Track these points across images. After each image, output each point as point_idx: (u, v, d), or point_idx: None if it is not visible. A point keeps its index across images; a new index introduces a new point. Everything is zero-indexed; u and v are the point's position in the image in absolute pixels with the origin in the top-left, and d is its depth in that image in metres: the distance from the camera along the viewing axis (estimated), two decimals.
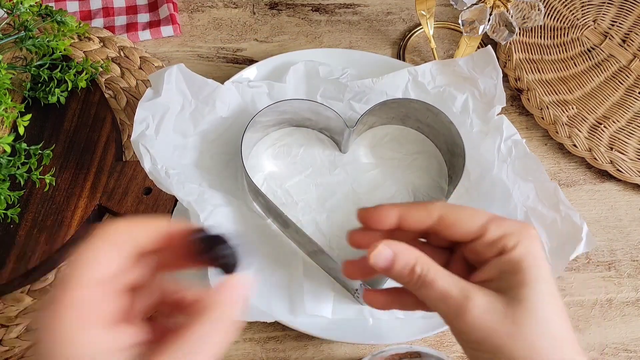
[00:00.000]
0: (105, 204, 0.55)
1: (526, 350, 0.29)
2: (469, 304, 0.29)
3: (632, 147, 0.63)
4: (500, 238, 0.31)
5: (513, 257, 0.30)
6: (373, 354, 0.47)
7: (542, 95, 0.65)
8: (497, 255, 0.31)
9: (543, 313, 0.30)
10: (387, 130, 0.61)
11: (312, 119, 0.58)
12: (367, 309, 0.52)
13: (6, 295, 0.53)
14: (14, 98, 0.59)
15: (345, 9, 0.72)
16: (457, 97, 0.60)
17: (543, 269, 0.30)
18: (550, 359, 0.29)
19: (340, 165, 0.59)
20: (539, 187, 0.55)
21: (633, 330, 0.55)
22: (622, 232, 0.60)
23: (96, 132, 0.58)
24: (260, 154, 0.59)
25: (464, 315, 0.30)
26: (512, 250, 0.30)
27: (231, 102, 0.58)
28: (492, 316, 0.29)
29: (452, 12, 0.72)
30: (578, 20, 0.70)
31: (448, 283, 0.30)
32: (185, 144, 0.56)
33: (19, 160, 0.55)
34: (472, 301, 0.29)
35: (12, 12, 0.55)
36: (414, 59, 0.69)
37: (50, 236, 0.53)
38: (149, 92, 0.55)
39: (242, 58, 0.67)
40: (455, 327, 0.31)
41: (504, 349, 0.29)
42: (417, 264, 0.31)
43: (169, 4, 0.68)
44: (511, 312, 0.29)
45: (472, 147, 0.57)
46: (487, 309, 0.29)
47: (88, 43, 0.65)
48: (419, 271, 0.30)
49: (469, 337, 0.30)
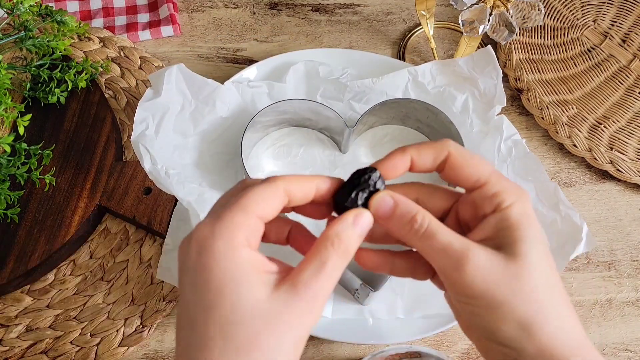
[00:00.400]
0: (105, 204, 0.55)
1: (527, 305, 0.29)
2: (470, 256, 0.29)
3: (632, 147, 0.63)
4: (498, 192, 0.31)
5: (511, 214, 0.30)
6: (373, 354, 0.47)
7: (542, 95, 0.65)
8: (493, 211, 0.31)
9: (542, 271, 0.30)
10: (387, 130, 0.61)
11: (312, 119, 0.58)
12: (367, 309, 0.52)
13: (6, 295, 0.53)
14: (14, 98, 0.59)
15: (345, 9, 0.72)
16: (457, 97, 0.60)
17: (538, 230, 0.31)
18: (550, 314, 0.30)
19: (340, 165, 0.59)
20: (539, 187, 0.55)
21: (633, 330, 0.55)
22: (622, 232, 0.60)
23: (96, 132, 0.58)
24: (260, 154, 0.59)
25: (465, 267, 0.29)
26: (510, 208, 0.31)
27: (231, 102, 0.58)
28: (493, 270, 0.29)
29: (452, 12, 0.72)
30: (578, 20, 0.70)
31: (449, 235, 0.30)
32: (185, 144, 0.56)
33: (19, 160, 0.55)
34: (473, 254, 0.30)
35: (12, 12, 0.55)
36: (414, 59, 0.69)
37: (50, 236, 0.53)
38: (149, 92, 0.55)
39: (242, 58, 0.67)
40: (454, 281, 0.30)
41: (504, 303, 0.29)
42: (419, 213, 0.31)
43: (169, 4, 0.68)
44: (512, 267, 0.29)
45: (472, 147, 0.57)
46: (488, 262, 0.29)
47: (88, 43, 0.65)
48: (420, 220, 0.30)
49: (467, 291, 0.30)
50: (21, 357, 0.51)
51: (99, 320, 0.52)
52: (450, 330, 0.54)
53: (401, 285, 0.52)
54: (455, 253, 0.30)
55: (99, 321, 0.52)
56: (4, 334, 0.52)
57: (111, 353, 0.51)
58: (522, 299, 0.29)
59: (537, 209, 0.54)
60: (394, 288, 0.52)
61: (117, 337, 0.52)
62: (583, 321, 0.55)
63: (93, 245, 0.56)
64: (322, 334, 0.50)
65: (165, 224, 0.54)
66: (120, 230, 0.56)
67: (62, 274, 0.54)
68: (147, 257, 0.55)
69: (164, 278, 0.51)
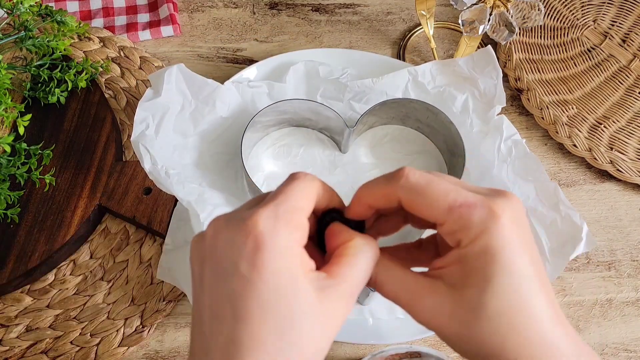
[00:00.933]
0: (105, 204, 0.55)
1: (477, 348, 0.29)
2: (416, 307, 0.30)
3: (632, 147, 0.63)
4: (458, 230, 0.29)
5: (468, 253, 0.28)
6: (373, 354, 0.47)
7: (542, 95, 0.65)
8: (456, 246, 0.29)
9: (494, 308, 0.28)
10: (387, 130, 0.61)
11: (312, 119, 0.58)
12: (367, 308, 0.52)
13: (6, 295, 0.53)
14: (14, 98, 0.59)
15: (345, 9, 0.72)
16: (457, 97, 0.60)
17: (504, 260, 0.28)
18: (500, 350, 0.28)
19: (340, 165, 0.59)
20: (539, 187, 0.55)
21: (633, 330, 0.55)
22: (622, 232, 0.60)
23: (96, 132, 0.58)
24: (260, 154, 0.59)
25: (416, 316, 0.30)
26: (468, 246, 0.28)
27: (231, 102, 0.58)
28: (438, 319, 0.29)
29: (452, 12, 0.72)
30: (578, 20, 0.70)
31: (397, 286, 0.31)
32: (185, 144, 0.56)
33: (19, 160, 0.55)
34: (419, 305, 0.30)
35: (12, 12, 0.55)
36: (414, 59, 0.69)
37: (50, 236, 0.53)
38: (149, 92, 0.55)
39: (242, 58, 0.67)
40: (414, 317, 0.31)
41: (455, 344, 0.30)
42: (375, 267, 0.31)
43: (169, 4, 0.68)
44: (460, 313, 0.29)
45: (472, 147, 0.57)
46: (433, 312, 0.29)
47: (88, 43, 0.65)
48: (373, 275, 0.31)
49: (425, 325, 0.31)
50: (21, 357, 0.51)
51: (99, 320, 0.52)
52: None
53: None
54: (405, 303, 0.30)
55: (99, 321, 0.52)
56: (4, 334, 0.52)
57: (111, 353, 0.51)
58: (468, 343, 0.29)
59: (537, 209, 0.54)
60: None
61: (117, 337, 0.52)
62: (583, 321, 0.55)
63: (93, 245, 0.56)
64: None
65: (165, 224, 0.54)
66: (120, 230, 0.56)
67: (62, 274, 0.54)
68: (147, 257, 0.55)
69: (164, 278, 0.51)
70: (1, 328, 0.52)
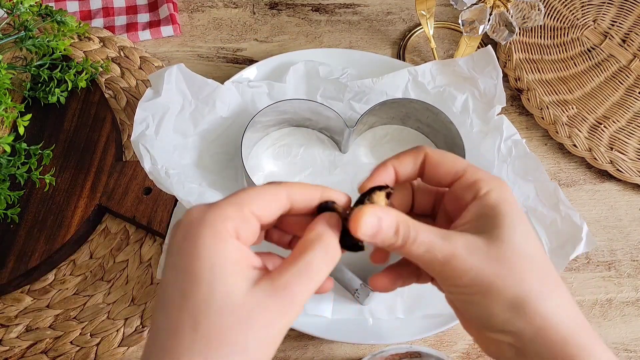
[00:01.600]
0: (105, 203, 0.55)
1: (516, 286, 0.30)
2: (453, 248, 0.30)
3: (632, 147, 0.63)
4: (476, 181, 0.32)
5: (488, 200, 0.31)
6: (373, 354, 0.47)
7: (542, 95, 0.65)
8: (473, 199, 0.32)
9: (525, 250, 0.30)
10: (387, 130, 0.61)
11: (312, 119, 0.58)
12: (367, 308, 0.52)
13: (6, 295, 0.53)
14: (14, 98, 0.59)
15: (345, 9, 0.72)
16: (457, 97, 0.60)
17: (517, 211, 0.31)
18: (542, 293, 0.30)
19: (340, 165, 0.59)
20: (539, 187, 0.55)
21: (633, 330, 0.55)
22: (622, 232, 0.60)
23: (96, 132, 0.58)
24: (260, 154, 0.59)
25: (450, 260, 0.30)
26: (487, 194, 0.32)
27: (231, 102, 0.58)
28: (476, 256, 0.30)
29: (452, 12, 0.72)
30: (578, 20, 0.70)
31: (429, 233, 0.31)
32: (185, 144, 0.56)
33: (19, 160, 0.55)
34: (456, 244, 0.30)
35: (12, 12, 0.55)
36: (414, 59, 0.69)
37: (50, 236, 0.53)
38: (149, 92, 0.55)
39: (242, 58, 0.67)
40: (444, 276, 0.31)
41: (492, 285, 0.30)
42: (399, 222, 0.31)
43: (169, 4, 0.68)
44: (494, 251, 0.30)
45: (472, 147, 0.57)
46: (471, 250, 0.30)
47: (88, 43, 0.65)
48: (402, 231, 0.31)
49: (457, 281, 0.31)
50: (21, 357, 0.51)
51: (99, 320, 0.52)
52: (450, 330, 0.54)
53: None
54: (439, 248, 0.30)
55: (99, 321, 0.52)
56: (4, 334, 0.52)
57: (111, 353, 0.51)
58: (510, 280, 0.30)
59: (537, 209, 0.54)
60: None
61: (117, 337, 0.52)
62: None
63: (93, 245, 0.56)
64: (322, 334, 0.50)
65: (165, 224, 0.54)
66: (120, 230, 0.56)
67: (62, 274, 0.54)
68: (147, 257, 0.55)
69: None
70: (1, 328, 0.52)
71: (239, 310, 0.27)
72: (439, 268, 0.31)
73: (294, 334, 0.53)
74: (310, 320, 0.51)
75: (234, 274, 0.27)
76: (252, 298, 0.27)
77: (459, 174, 0.33)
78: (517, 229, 0.31)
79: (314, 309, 0.51)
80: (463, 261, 0.30)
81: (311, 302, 0.51)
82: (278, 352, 0.52)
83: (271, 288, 0.28)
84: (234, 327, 0.27)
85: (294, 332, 0.53)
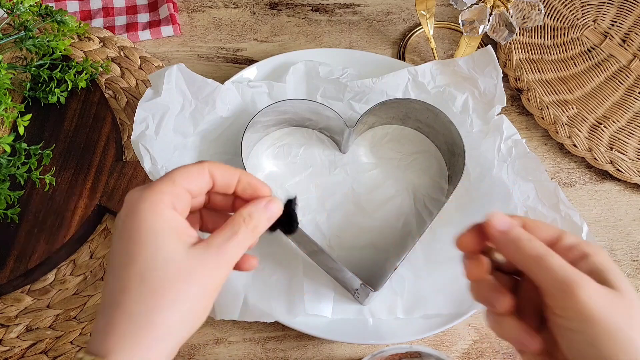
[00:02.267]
0: (105, 204, 0.55)
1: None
2: (583, 282, 0.30)
3: (632, 147, 0.63)
4: (578, 244, 0.33)
5: (599, 259, 0.32)
6: (373, 354, 0.47)
7: (542, 95, 0.65)
8: (580, 258, 0.32)
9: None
10: (387, 130, 0.61)
11: (312, 119, 0.58)
12: (367, 308, 0.52)
13: (6, 295, 0.53)
14: (14, 98, 0.59)
15: (345, 9, 0.72)
16: (457, 97, 0.60)
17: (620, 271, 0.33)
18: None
19: (340, 165, 0.59)
20: (539, 187, 0.55)
21: None
22: (622, 232, 0.60)
23: (96, 132, 0.58)
24: (260, 154, 0.59)
25: (578, 291, 0.30)
26: (594, 255, 0.32)
27: (231, 102, 0.58)
28: (605, 298, 0.30)
29: (452, 12, 0.72)
30: (578, 20, 0.70)
31: (560, 259, 0.31)
32: (185, 144, 0.56)
33: (19, 160, 0.55)
34: (585, 280, 0.30)
35: (12, 12, 0.55)
36: (414, 59, 0.69)
37: (50, 236, 0.53)
38: (149, 92, 0.55)
39: (242, 58, 0.67)
40: (567, 306, 0.31)
41: (621, 332, 0.30)
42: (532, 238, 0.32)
43: (169, 4, 0.68)
44: (622, 300, 0.30)
45: (472, 147, 0.57)
46: (599, 290, 0.30)
47: (88, 43, 0.65)
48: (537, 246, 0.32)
49: (582, 315, 0.30)
50: (21, 357, 0.51)
51: None
52: (450, 330, 0.54)
53: (401, 286, 0.52)
54: (569, 277, 0.30)
55: None
56: (4, 334, 0.52)
57: None
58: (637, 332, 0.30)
59: (537, 208, 0.54)
60: (394, 288, 0.52)
61: None
62: None
63: (93, 245, 0.56)
64: (322, 334, 0.50)
65: None
66: None
67: (62, 274, 0.54)
68: None
69: None
70: (1, 328, 0.52)
71: (181, 265, 0.31)
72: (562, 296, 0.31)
73: (294, 334, 0.53)
74: (310, 320, 0.51)
75: (175, 237, 0.32)
76: (192, 255, 0.32)
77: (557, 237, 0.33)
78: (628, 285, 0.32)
79: (314, 308, 0.51)
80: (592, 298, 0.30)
81: (311, 302, 0.51)
82: (278, 352, 0.53)
83: (207, 248, 0.32)
84: (178, 278, 0.31)
85: (294, 332, 0.53)
